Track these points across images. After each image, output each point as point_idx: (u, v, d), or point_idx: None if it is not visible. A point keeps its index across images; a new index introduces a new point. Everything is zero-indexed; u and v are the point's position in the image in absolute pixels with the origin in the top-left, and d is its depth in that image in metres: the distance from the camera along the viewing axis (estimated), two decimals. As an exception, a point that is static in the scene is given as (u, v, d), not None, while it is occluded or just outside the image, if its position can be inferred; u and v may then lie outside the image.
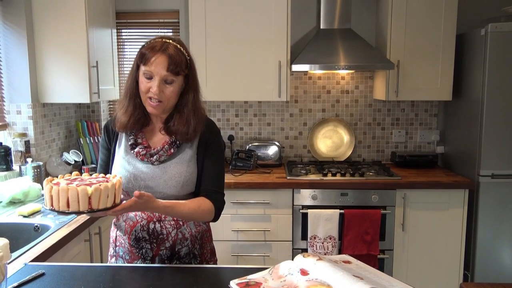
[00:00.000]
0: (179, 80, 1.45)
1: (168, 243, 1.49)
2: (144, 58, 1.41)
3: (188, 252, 1.53)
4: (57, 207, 1.22)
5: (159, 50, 1.40)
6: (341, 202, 2.77)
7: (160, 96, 1.42)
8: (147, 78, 1.42)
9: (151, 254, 1.50)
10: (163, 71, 1.40)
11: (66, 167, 2.94)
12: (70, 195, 1.20)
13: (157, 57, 1.40)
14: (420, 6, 2.88)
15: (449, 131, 3.25)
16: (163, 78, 1.41)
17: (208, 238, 1.62)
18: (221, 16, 2.90)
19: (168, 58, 1.40)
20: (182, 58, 1.43)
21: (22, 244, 1.75)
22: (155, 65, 1.40)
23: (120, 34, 3.32)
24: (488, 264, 2.78)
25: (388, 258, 2.81)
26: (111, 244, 1.59)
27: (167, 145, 1.50)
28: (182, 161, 1.50)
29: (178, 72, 1.43)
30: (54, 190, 1.21)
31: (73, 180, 1.31)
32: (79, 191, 1.20)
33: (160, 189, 1.47)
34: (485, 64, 2.67)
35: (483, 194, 2.73)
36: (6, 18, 2.64)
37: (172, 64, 1.40)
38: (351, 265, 1.29)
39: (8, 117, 2.73)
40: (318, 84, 3.34)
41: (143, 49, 1.43)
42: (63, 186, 1.21)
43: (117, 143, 1.56)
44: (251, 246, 2.84)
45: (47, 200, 1.24)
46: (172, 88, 1.44)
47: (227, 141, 3.35)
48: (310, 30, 3.27)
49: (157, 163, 1.49)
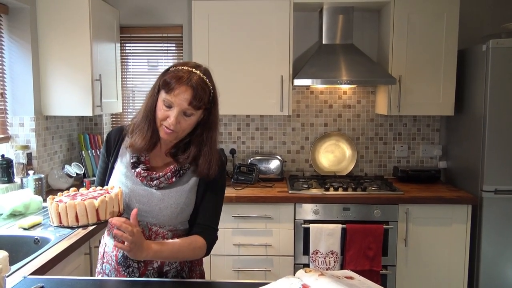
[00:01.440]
0: (198, 114, 1.39)
1: (156, 263, 1.44)
2: (167, 87, 1.35)
3: (176, 275, 1.48)
4: (66, 223, 1.26)
5: (184, 82, 1.33)
6: (343, 216, 2.75)
7: (175, 128, 1.37)
8: (166, 106, 1.36)
9: (138, 273, 1.44)
10: (185, 104, 1.34)
11: (68, 179, 2.93)
12: (78, 210, 1.25)
13: (181, 89, 1.33)
14: (421, 21, 2.90)
15: (451, 146, 3.25)
16: (183, 110, 1.35)
17: (198, 261, 1.56)
18: (224, 30, 2.93)
19: (192, 91, 1.33)
20: (206, 92, 1.37)
21: (22, 257, 1.74)
22: (177, 96, 1.33)
23: (124, 48, 3.35)
24: (492, 281, 2.75)
25: (391, 274, 2.78)
26: (99, 260, 1.54)
27: (170, 172, 1.44)
28: (181, 192, 1.45)
29: (200, 107, 1.37)
30: (62, 207, 1.25)
31: (74, 195, 1.33)
32: (87, 205, 1.26)
33: (154, 215, 1.43)
34: (486, 79, 2.68)
35: (486, 209, 2.71)
36: (11, 32, 2.67)
37: (195, 99, 1.34)
38: (353, 281, 1.27)
39: (11, 129, 2.74)
40: (320, 99, 3.35)
41: (167, 77, 1.36)
42: (70, 202, 1.25)
43: (118, 157, 1.50)
44: (252, 260, 2.82)
45: (55, 217, 1.27)
46: (190, 121, 1.38)
47: (229, 155, 3.35)
48: (312, 45, 3.29)
49: (155, 188, 1.44)
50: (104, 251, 1.52)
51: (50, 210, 1.28)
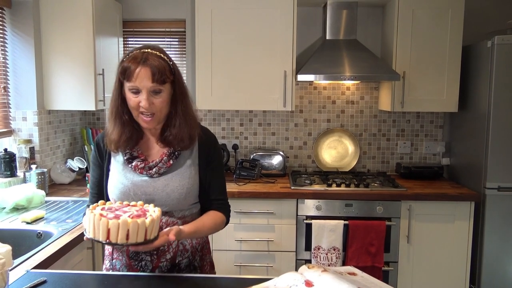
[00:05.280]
0: (166, 89, 1.40)
1: (169, 254, 1.47)
2: (126, 74, 1.36)
3: (188, 264, 1.51)
4: (115, 240, 1.22)
5: (140, 62, 1.35)
6: (346, 213, 2.75)
7: (151, 109, 1.38)
8: (133, 93, 1.38)
9: (151, 266, 1.46)
10: (149, 83, 1.35)
11: (70, 174, 2.94)
12: (131, 228, 1.21)
13: (139, 70, 1.34)
14: (426, 17, 2.88)
15: (455, 143, 3.23)
16: (150, 90, 1.36)
17: (207, 250, 1.61)
18: (227, 25, 2.92)
19: (150, 68, 1.34)
20: (164, 65, 1.38)
21: (25, 250, 1.74)
22: (139, 78, 1.35)
23: (126, 42, 3.34)
24: (495, 278, 2.74)
25: (393, 271, 2.78)
26: (107, 257, 1.56)
27: (166, 156, 1.46)
28: (183, 172, 1.47)
29: (164, 80, 1.37)
30: (113, 223, 1.20)
31: (109, 209, 1.29)
32: (140, 223, 1.22)
33: (163, 201, 1.44)
34: (491, 75, 2.66)
35: (489, 206, 2.71)
36: (14, 26, 2.66)
37: (156, 74, 1.35)
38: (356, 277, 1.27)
39: (14, 124, 2.74)
40: (323, 95, 3.34)
41: (124, 64, 1.37)
42: (125, 219, 1.21)
43: (110, 159, 1.51)
44: (254, 256, 2.82)
45: (102, 233, 1.22)
46: (161, 98, 1.39)
47: (231, 150, 3.35)
48: (316, 40, 3.28)
49: (156, 176, 1.45)
50: (113, 247, 1.52)
51: (96, 225, 1.22)
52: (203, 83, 2.95)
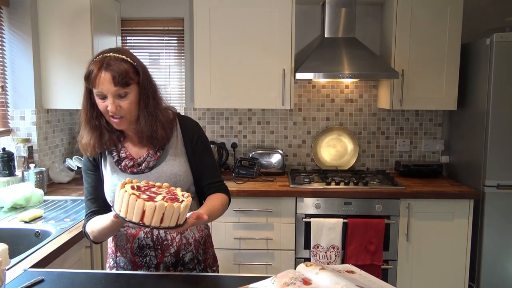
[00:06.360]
0: (132, 90, 1.39)
1: (173, 248, 1.48)
2: (90, 81, 1.37)
3: (192, 258, 1.52)
4: (149, 222, 1.20)
5: (101, 67, 1.35)
6: (345, 211, 2.75)
7: (119, 112, 1.38)
8: (100, 98, 1.38)
9: (156, 261, 1.48)
10: (112, 87, 1.35)
11: (69, 173, 2.93)
12: (166, 212, 1.20)
13: (101, 75, 1.34)
14: (425, 15, 2.87)
15: (454, 141, 3.23)
16: (114, 93, 1.36)
17: (210, 243, 1.63)
18: (226, 24, 2.91)
19: (111, 72, 1.34)
20: (126, 67, 1.36)
21: (23, 250, 1.74)
22: (101, 84, 1.35)
23: (124, 41, 3.33)
24: (494, 275, 2.74)
25: (392, 269, 2.78)
26: (111, 255, 1.56)
27: (152, 150, 1.49)
28: (172, 162, 1.49)
29: (127, 82, 1.36)
30: (150, 206, 1.19)
31: (139, 189, 1.28)
32: (175, 208, 1.21)
33: None
34: (490, 73, 2.66)
35: (488, 204, 2.70)
36: (12, 25, 2.65)
37: (116, 76, 1.34)
38: (355, 275, 1.26)
39: (12, 123, 2.74)
40: (322, 93, 3.34)
41: (86, 73, 1.38)
42: (162, 203, 1.20)
43: (102, 163, 1.53)
44: (253, 254, 2.82)
45: (136, 214, 1.20)
46: (128, 100, 1.39)
47: (230, 149, 3.34)
48: (315, 38, 3.27)
49: (147, 170, 1.48)
50: (116, 245, 1.53)
51: (131, 205, 1.20)
52: (202, 81, 2.95)
